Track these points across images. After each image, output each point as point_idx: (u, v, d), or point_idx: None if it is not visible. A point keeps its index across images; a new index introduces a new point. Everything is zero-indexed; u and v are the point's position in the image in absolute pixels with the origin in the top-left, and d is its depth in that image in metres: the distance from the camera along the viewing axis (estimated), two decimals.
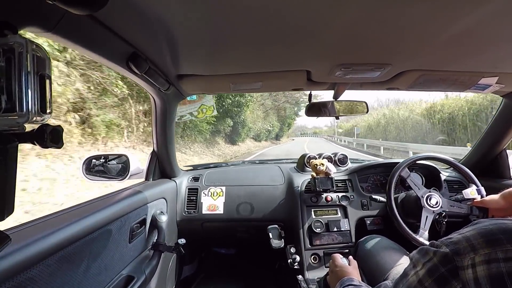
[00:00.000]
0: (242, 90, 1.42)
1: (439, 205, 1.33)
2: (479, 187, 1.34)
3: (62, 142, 0.46)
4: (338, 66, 1.06)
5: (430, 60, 1.02)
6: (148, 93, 1.27)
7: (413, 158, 1.47)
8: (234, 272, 2.24)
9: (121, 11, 0.65)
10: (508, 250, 0.43)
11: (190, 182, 1.81)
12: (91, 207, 0.93)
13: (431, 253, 0.51)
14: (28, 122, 0.41)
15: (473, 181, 1.38)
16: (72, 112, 5.41)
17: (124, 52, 0.83)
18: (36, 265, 0.63)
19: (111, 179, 1.52)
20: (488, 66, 1.09)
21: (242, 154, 15.96)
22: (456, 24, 0.72)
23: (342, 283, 0.93)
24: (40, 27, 0.54)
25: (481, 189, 1.33)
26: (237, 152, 16.45)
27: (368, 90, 1.45)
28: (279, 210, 1.70)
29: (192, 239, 1.49)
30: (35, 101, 0.40)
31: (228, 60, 1.03)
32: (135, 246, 1.15)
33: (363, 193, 1.69)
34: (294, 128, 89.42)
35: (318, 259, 1.51)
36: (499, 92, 1.38)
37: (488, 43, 0.85)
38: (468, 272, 0.44)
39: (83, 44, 0.69)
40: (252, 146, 22.12)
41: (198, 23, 0.73)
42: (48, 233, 0.69)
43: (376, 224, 1.62)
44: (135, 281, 1.06)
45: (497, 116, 1.49)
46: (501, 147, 1.55)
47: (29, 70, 0.39)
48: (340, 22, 0.72)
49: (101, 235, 0.90)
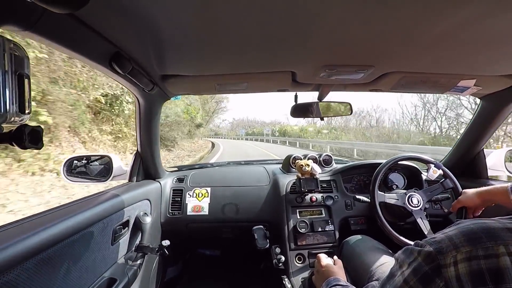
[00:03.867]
0: (227, 91, 1.42)
1: (420, 204, 1.36)
2: (435, 162, 1.44)
3: (42, 143, 0.45)
4: (323, 67, 1.07)
5: (412, 62, 1.04)
6: (132, 93, 1.25)
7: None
8: (218, 273, 2.23)
9: (103, 10, 0.63)
10: (488, 248, 0.44)
11: (175, 183, 1.80)
12: (73, 209, 0.91)
13: (416, 253, 0.52)
14: (6, 122, 0.40)
15: (429, 161, 1.46)
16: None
17: (106, 51, 0.81)
18: (13, 269, 0.61)
19: (93, 181, 1.49)
20: (466, 69, 1.12)
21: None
22: (436, 27, 0.74)
23: (329, 283, 0.93)
24: (18, 25, 0.52)
25: (437, 163, 1.43)
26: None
27: (352, 91, 1.47)
28: (264, 211, 1.70)
29: (176, 240, 1.48)
30: (14, 101, 0.39)
31: (213, 61, 1.03)
32: (118, 248, 1.13)
33: (347, 194, 1.71)
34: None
35: (303, 259, 1.52)
36: (477, 94, 1.42)
37: (466, 47, 0.88)
38: (450, 269, 0.45)
39: (64, 43, 0.67)
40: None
41: (183, 23, 0.72)
42: (27, 236, 0.67)
43: (360, 224, 1.64)
44: (118, 283, 1.04)
45: (475, 118, 1.54)
46: (479, 148, 1.60)
47: (6, 69, 0.38)
48: (325, 24, 0.72)
49: (82, 237, 0.88)
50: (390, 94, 1.69)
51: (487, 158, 1.62)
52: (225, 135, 69.13)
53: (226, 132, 75.58)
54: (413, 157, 1.52)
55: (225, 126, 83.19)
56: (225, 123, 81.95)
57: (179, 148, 13.45)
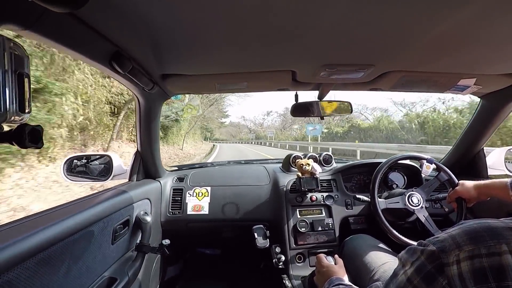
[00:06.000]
0: (227, 90, 1.42)
1: (420, 203, 1.37)
2: (427, 157, 1.45)
3: (42, 142, 0.45)
4: (323, 66, 1.07)
5: (412, 61, 1.04)
6: (132, 92, 1.25)
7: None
8: (218, 272, 2.23)
9: (103, 10, 0.63)
10: (491, 246, 0.44)
11: (175, 183, 1.80)
12: (73, 208, 0.91)
13: (419, 252, 0.52)
14: (6, 121, 0.40)
15: (420, 157, 1.48)
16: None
17: (107, 51, 0.81)
18: (14, 268, 0.61)
19: (93, 180, 1.49)
20: (466, 68, 1.12)
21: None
22: (437, 26, 0.74)
23: (331, 282, 0.94)
24: (18, 24, 0.52)
25: (429, 158, 1.44)
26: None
27: (352, 90, 1.47)
28: (264, 210, 1.70)
29: (176, 239, 1.48)
30: (14, 100, 0.39)
31: (213, 60, 1.03)
32: (118, 248, 1.13)
33: (347, 193, 1.71)
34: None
35: (303, 259, 1.53)
36: (477, 93, 1.42)
37: (466, 45, 0.88)
38: (453, 268, 0.45)
39: (64, 42, 0.67)
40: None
41: (183, 22, 0.72)
42: (27, 235, 0.67)
43: (360, 223, 1.64)
44: (118, 282, 1.04)
45: (475, 117, 1.54)
46: (479, 147, 1.60)
47: (6, 69, 0.38)
48: (325, 23, 0.72)
49: (82, 237, 0.88)
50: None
51: (487, 157, 1.62)
52: (227, 140, 68.93)
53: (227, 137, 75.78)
54: (408, 156, 1.52)
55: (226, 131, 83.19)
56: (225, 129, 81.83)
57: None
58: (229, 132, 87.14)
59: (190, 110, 4.24)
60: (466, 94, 1.38)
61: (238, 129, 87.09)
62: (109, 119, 8.16)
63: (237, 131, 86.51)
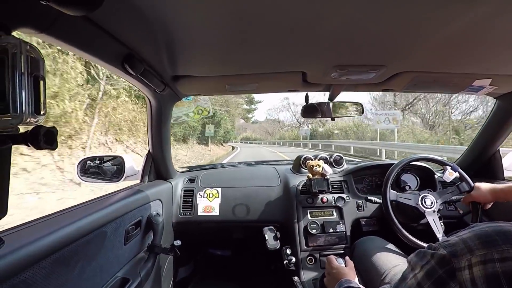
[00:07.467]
0: (238, 91, 1.42)
1: (433, 206, 1.34)
2: (451, 164, 1.40)
3: (57, 143, 0.45)
4: (334, 67, 1.06)
5: (424, 61, 1.03)
6: (144, 94, 1.27)
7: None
8: (229, 273, 2.23)
9: (116, 12, 0.64)
10: (504, 251, 0.43)
11: (186, 184, 1.81)
12: (86, 209, 0.93)
13: (429, 256, 0.51)
14: (22, 123, 0.40)
15: (445, 163, 1.43)
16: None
17: (119, 53, 0.82)
18: (30, 268, 0.63)
19: (106, 181, 1.51)
20: (481, 68, 1.10)
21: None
22: (449, 26, 0.72)
23: (341, 285, 0.93)
24: (34, 27, 0.53)
25: (454, 165, 1.39)
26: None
27: (363, 91, 1.46)
28: (275, 211, 1.70)
29: (187, 240, 1.48)
30: (29, 102, 0.40)
31: (224, 61, 1.03)
32: (131, 248, 1.14)
33: (359, 194, 1.69)
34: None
35: (314, 260, 1.52)
36: (493, 94, 1.39)
37: (480, 45, 0.86)
38: (465, 273, 0.45)
39: (78, 45, 0.68)
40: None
41: (194, 24, 0.73)
42: (43, 235, 0.68)
43: (371, 225, 1.63)
44: (130, 283, 1.05)
45: (491, 118, 1.51)
46: (495, 149, 1.56)
47: (23, 71, 0.39)
48: (335, 24, 0.72)
49: (96, 237, 0.89)
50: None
51: (503, 158, 1.58)
52: (260, 140, 61.90)
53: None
54: (428, 158, 1.49)
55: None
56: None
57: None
58: (264, 128, 73.27)
59: (200, 111, 4.31)
60: (481, 94, 1.35)
61: (277, 124, 68.65)
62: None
63: (276, 127, 68.15)
